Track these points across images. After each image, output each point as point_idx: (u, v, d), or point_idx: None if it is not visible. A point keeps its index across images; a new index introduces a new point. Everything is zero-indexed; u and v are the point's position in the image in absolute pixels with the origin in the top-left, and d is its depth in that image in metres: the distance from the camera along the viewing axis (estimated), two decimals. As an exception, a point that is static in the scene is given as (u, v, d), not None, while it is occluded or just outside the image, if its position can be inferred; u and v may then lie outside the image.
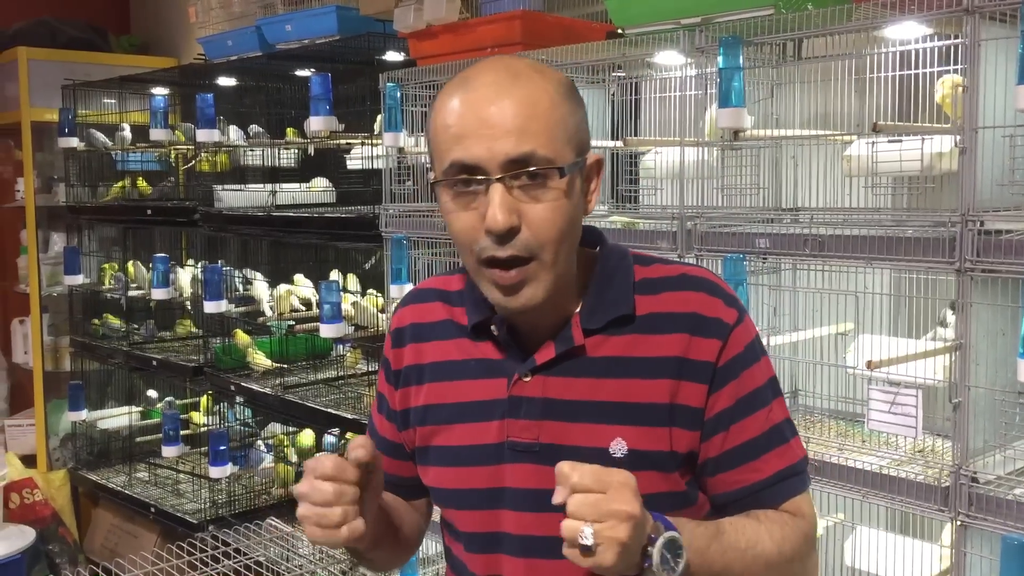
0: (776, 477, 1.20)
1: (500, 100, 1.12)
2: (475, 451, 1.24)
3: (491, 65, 1.17)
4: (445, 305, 1.32)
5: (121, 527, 4.51)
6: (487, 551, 1.25)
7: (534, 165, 1.12)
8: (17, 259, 5.13)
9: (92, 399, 4.71)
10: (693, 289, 1.21)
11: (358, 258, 3.85)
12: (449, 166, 1.14)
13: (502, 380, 1.23)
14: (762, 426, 1.20)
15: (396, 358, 1.34)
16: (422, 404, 1.30)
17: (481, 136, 1.12)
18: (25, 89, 4.70)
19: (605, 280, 1.23)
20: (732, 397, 1.19)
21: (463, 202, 1.15)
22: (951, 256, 1.79)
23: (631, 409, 1.18)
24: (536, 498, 1.18)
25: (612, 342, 1.20)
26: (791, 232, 2.05)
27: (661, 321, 1.20)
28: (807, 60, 2.32)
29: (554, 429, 1.20)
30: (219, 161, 4.13)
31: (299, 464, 3.83)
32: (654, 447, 1.18)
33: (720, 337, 1.19)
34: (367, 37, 3.27)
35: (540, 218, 1.13)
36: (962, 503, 1.80)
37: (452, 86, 1.17)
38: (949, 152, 1.90)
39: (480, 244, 1.14)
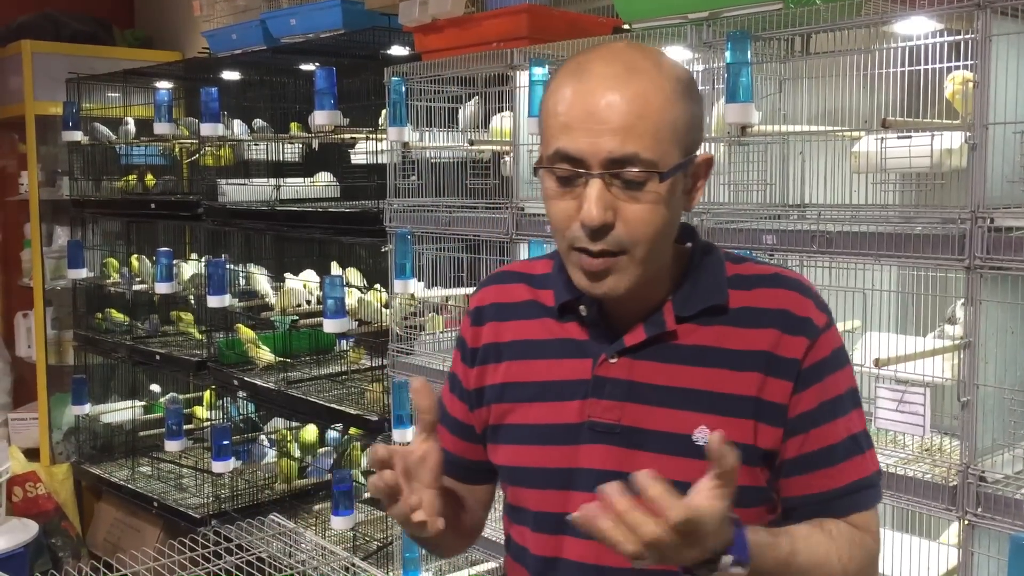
0: (850, 487, 1.19)
1: (611, 95, 1.11)
2: (552, 430, 1.23)
3: (608, 55, 1.15)
4: (528, 287, 1.32)
5: (124, 521, 4.51)
6: (553, 532, 1.24)
7: (636, 167, 1.11)
8: (21, 253, 5.13)
9: (95, 393, 4.71)
10: (786, 288, 1.21)
11: (362, 253, 3.84)
12: (553, 153, 1.13)
13: (587, 361, 1.23)
14: (841, 434, 1.19)
15: (474, 336, 1.34)
16: (500, 382, 1.30)
17: (587, 130, 1.11)
18: (29, 82, 4.70)
19: (698, 273, 1.23)
20: (815, 400, 1.18)
21: (563, 190, 1.14)
22: (960, 253, 1.77)
23: (717, 398, 1.18)
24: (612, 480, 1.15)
25: (703, 331, 1.20)
26: (798, 228, 2.04)
27: (753, 315, 1.19)
28: (815, 55, 2.30)
29: (637, 412, 1.19)
30: (223, 155, 4.12)
31: (302, 459, 3.83)
32: (738, 439, 1.15)
33: (809, 336, 1.18)
34: (372, 31, 3.25)
35: (635, 217, 1.12)
36: (970, 502, 1.78)
37: (566, 72, 1.16)
38: (959, 149, 1.89)
39: (573, 232, 1.14)
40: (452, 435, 1.38)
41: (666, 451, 1.18)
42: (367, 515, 3.60)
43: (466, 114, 3.02)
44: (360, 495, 3.43)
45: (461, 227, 2.80)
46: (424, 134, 3.03)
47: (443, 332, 3.16)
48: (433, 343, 3.09)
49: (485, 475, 1.39)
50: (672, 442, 1.17)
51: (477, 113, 2.99)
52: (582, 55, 1.18)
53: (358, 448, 3.61)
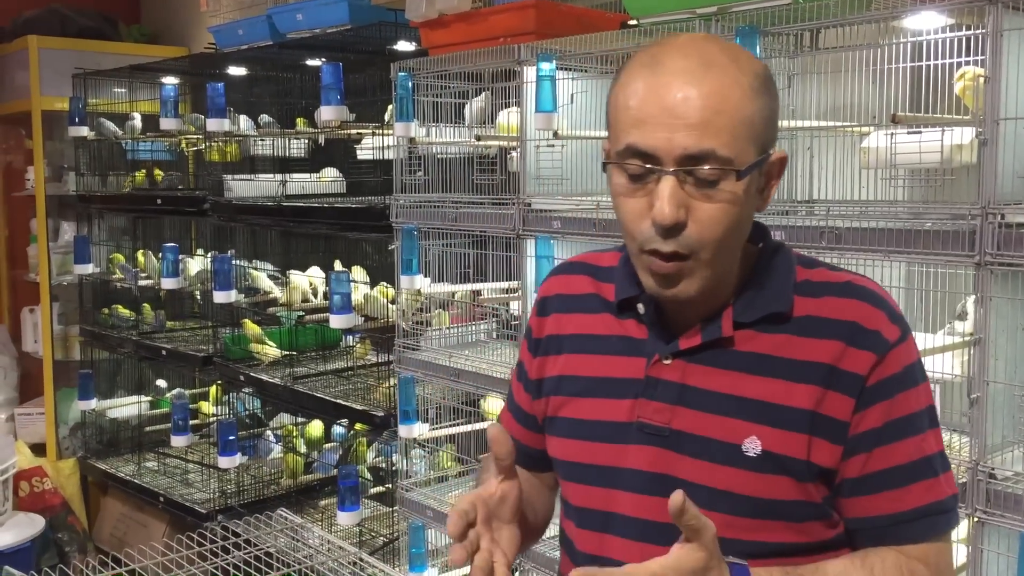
0: (918, 512, 1.13)
1: (687, 90, 1.06)
2: (602, 427, 1.22)
3: (684, 48, 1.11)
4: (592, 280, 1.30)
5: (130, 516, 4.52)
6: (597, 529, 1.22)
7: (711, 164, 1.06)
8: (27, 248, 5.13)
9: (101, 388, 4.72)
10: (857, 298, 1.16)
11: (367, 249, 3.84)
12: (624, 148, 1.09)
13: (641, 359, 1.20)
14: (911, 455, 1.13)
15: (539, 327, 1.33)
16: (557, 374, 1.28)
17: (661, 125, 1.07)
18: (36, 78, 4.70)
19: (765, 276, 1.18)
20: (882, 418, 1.12)
21: (633, 187, 1.10)
22: (971, 249, 1.76)
23: (772, 410, 1.13)
24: (656, 482, 1.16)
25: (762, 339, 1.16)
26: (807, 224, 2.03)
27: (818, 325, 1.14)
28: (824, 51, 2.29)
29: (687, 417, 1.16)
30: (229, 151, 4.12)
31: (307, 455, 3.83)
32: (790, 452, 1.12)
33: (877, 352, 1.12)
34: (378, 26, 3.25)
35: (708, 217, 1.08)
36: (979, 499, 1.78)
37: (639, 65, 1.12)
38: (969, 144, 1.88)
39: (644, 233, 1.10)
40: (516, 423, 1.38)
41: (714, 459, 1.14)
42: (373, 511, 3.60)
43: (473, 109, 3.01)
44: (366, 491, 3.43)
45: (467, 223, 2.80)
46: (430, 130, 3.02)
47: (449, 328, 3.15)
48: (440, 339, 3.09)
49: (549, 463, 1.36)
50: (721, 450, 1.14)
51: (484, 108, 2.99)
52: (655, 47, 1.13)
53: (364, 444, 3.61)
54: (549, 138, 2.62)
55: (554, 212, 2.59)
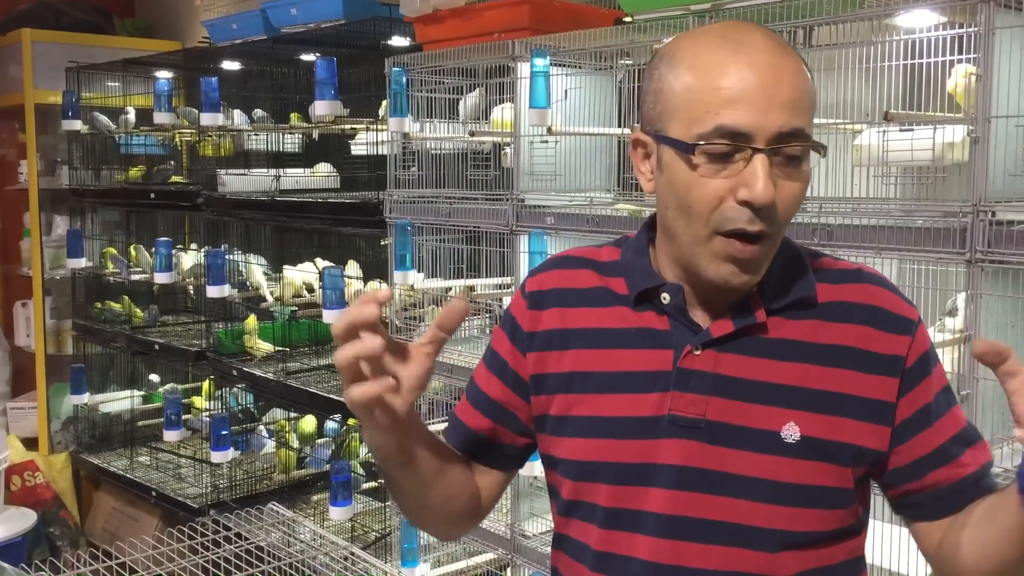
0: (983, 470, 1.17)
1: (779, 67, 1.06)
2: (628, 423, 1.17)
3: (752, 29, 1.10)
4: (596, 273, 1.25)
5: (122, 510, 4.52)
6: (624, 529, 1.18)
7: (800, 141, 1.07)
8: (20, 242, 5.12)
9: (94, 383, 4.71)
10: (873, 283, 1.19)
11: (361, 244, 3.84)
12: (713, 129, 1.06)
13: (667, 352, 1.16)
14: (961, 422, 1.17)
15: (532, 320, 1.26)
16: (567, 371, 1.22)
17: (757, 102, 1.05)
18: (29, 71, 4.69)
19: (784, 263, 1.17)
20: (932, 392, 1.15)
21: (714, 168, 1.07)
22: (962, 247, 1.77)
23: (808, 395, 1.13)
24: (694, 477, 1.14)
25: (792, 325, 1.15)
26: (799, 221, 2.03)
27: (843, 310, 1.16)
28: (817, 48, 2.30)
29: (723, 407, 1.14)
30: (223, 145, 4.11)
31: (300, 450, 3.83)
32: (829, 436, 1.12)
33: (908, 333, 1.15)
34: (373, 21, 3.25)
35: (789, 196, 1.08)
36: (969, 496, 1.78)
37: (710, 43, 1.09)
38: (961, 142, 1.88)
39: (725, 215, 1.07)
40: (477, 411, 1.31)
41: (753, 448, 1.13)
42: (365, 506, 3.60)
43: (467, 105, 3.01)
44: (358, 486, 3.43)
45: (461, 218, 2.80)
46: (425, 125, 3.02)
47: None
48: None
49: (501, 460, 1.32)
50: (760, 439, 1.12)
51: (478, 104, 2.99)
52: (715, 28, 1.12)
53: (357, 439, 3.61)
54: (543, 134, 2.62)
55: (548, 208, 2.59)
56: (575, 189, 2.69)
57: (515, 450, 1.32)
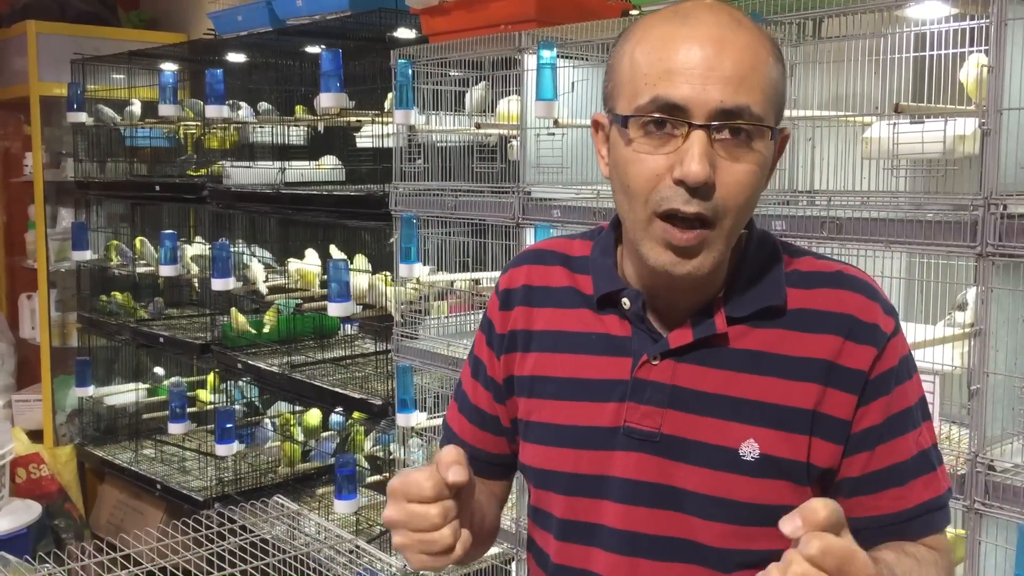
0: (922, 508, 1.09)
1: (725, 42, 1.00)
2: (583, 432, 1.12)
3: (708, 4, 1.05)
4: (567, 271, 1.20)
5: (127, 503, 4.52)
6: (579, 542, 1.14)
7: (745, 120, 1.01)
8: (25, 234, 5.12)
9: (99, 375, 4.71)
10: (850, 289, 1.10)
11: (366, 237, 3.83)
12: (649, 101, 1.01)
13: (625, 360, 1.11)
14: (911, 450, 1.09)
15: (502, 321, 1.22)
16: (528, 374, 1.18)
17: (695, 76, 0.99)
18: (34, 63, 4.68)
19: (755, 266, 1.11)
20: (882, 414, 1.07)
21: (652, 144, 1.02)
22: (972, 240, 1.76)
23: (770, 410, 1.06)
24: (647, 492, 1.09)
25: (756, 335, 1.09)
26: (808, 214, 2.02)
27: (813, 319, 1.08)
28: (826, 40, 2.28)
29: (679, 420, 1.08)
30: (228, 137, 4.10)
31: (305, 443, 3.83)
32: (789, 455, 1.06)
33: (876, 345, 1.07)
34: (379, 13, 3.23)
35: (735, 180, 1.01)
36: (978, 491, 1.77)
37: (660, 19, 1.05)
38: (972, 135, 1.87)
39: (661, 194, 1.01)
40: (473, 426, 1.27)
41: (709, 464, 1.07)
42: (370, 499, 3.59)
43: (473, 97, 3.00)
44: (363, 479, 3.43)
45: (467, 211, 2.79)
46: (430, 117, 3.01)
47: (447, 317, 3.15)
48: (438, 328, 3.08)
49: (503, 469, 1.29)
50: (717, 455, 1.07)
51: (484, 97, 2.98)
52: (671, 6, 1.06)
53: (361, 432, 3.60)
54: (549, 126, 2.61)
55: (554, 201, 2.58)
56: (582, 182, 2.68)
57: (509, 459, 1.27)
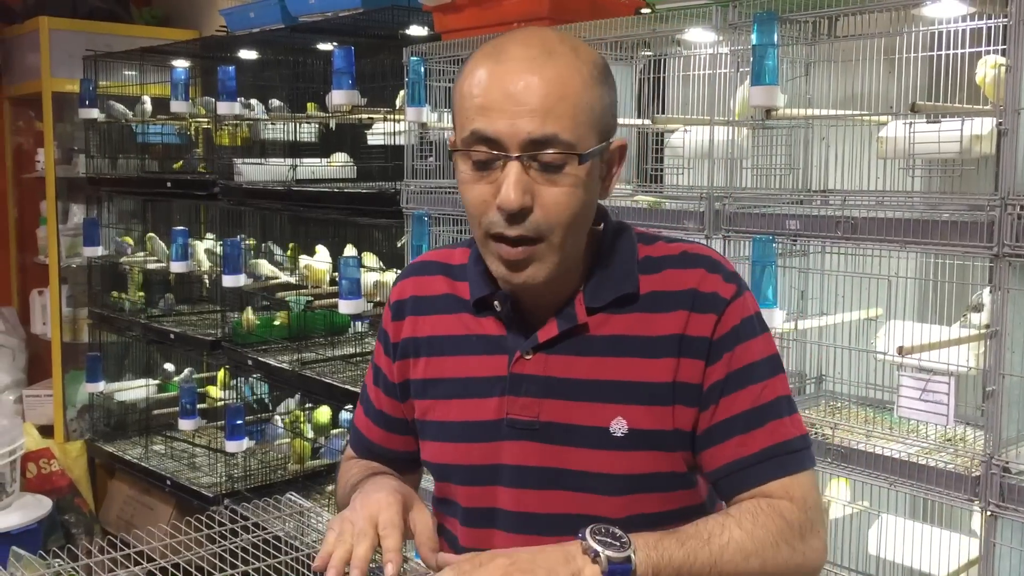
0: (765, 453, 1.16)
1: (530, 77, 1.10)
2: (472, 427, 1.23)
3: (525, 38, 1.15)
4: (447, 279, 1.30)
5: (137, 499, 4.53)
6: (481, 526, 1.25)
7: (555, 148, 1.10)
8: (37, 230, 5.13)
9: (109, 371, 4.72)
10: (693, 266, 1.20)
11: (377, 235, 3.83)
12: (469, 135, 1.12)
13: (503, 357, 1.22)
14: (754, 400, 1.17)
15: (395, 331, 1.33)
16: (420, 377, 1.29)
17: (505, 111, 1.09)
18: (46, 59, 4.69)
19: (609, 258, 1.22)
20: (724, 370, 1.17)
21: (478, 174, 1.13)
22: (988, 241, 1.74)
23: (633, 388, 1.17)
24: (534, 475, 1.20)
25: (615, 320, 1.19)
26: (823, 214, 2.01)
27: (663, 299, 1.19)
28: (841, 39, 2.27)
29: (555, 408, 1.19)
30: (239, 134, 4.10)
31: (315, 440, 3.83)
32: (656, 426, 1.17)
33: (716, 311, 1.18)
34: (391, 10, 3.23)
35: (553, 201, 1.11)
36: (993, 493, 1.76)
37: (482, 55, 1.15)
38: (988, 134, 1.85)
39: (490, 218, 1.12)
40: (379, 428, 1.38)
41: (586, 444, 1.18)
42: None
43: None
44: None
45: (479, 209, 2.78)
46: (442, 115, 3.01)
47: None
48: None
49: (413, 464, 1.40)
50: (591, 435, 1.17)
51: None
52: (499, 39, 1.16)
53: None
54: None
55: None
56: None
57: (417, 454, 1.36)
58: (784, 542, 1.12)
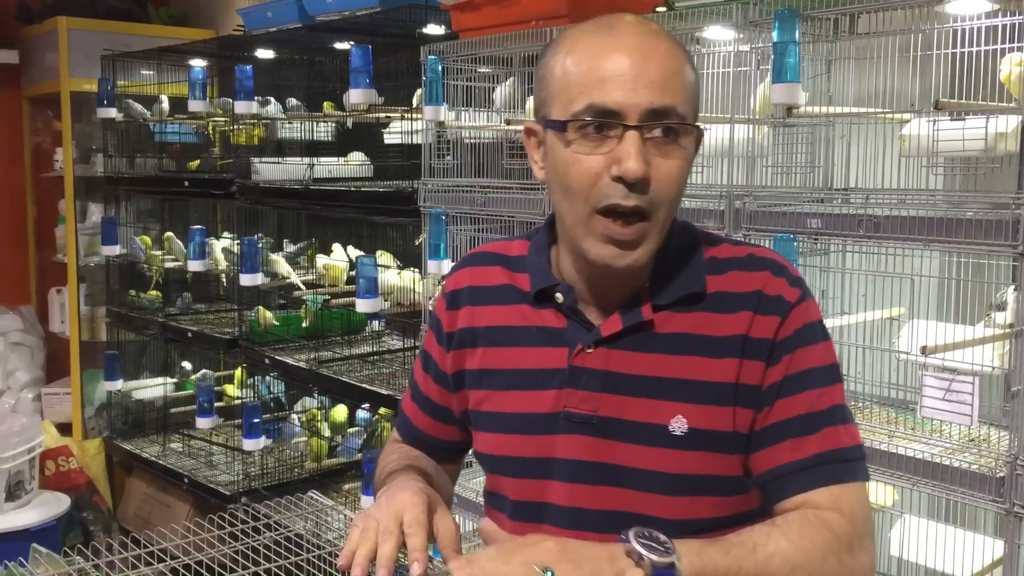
0: (817, 459, 1.13)
1: (648, 49, 1.11)
2: (528, 419, 1.22)
3: (629, 17, 1.17)
4: (505, 270, 1.29)
5: (154, 497, 4.55)
6: (530, 520, 1.23)
7: (672, 119, 1.11)
8: (55, 229, 5.16)
9: (127, 369, 4.74)
10: (759, 269, 1.20)
11: (393, 234, 3.83)
12: (584, 108, 1.11)
13: (563, 349, 1.21)
14: (810, 406, 1.15)
15: (450, 320, 1.32)
16: (477, 368, 1.28)
17: (626, 81, 1.10)
18: (65, 59, 4.71)
19: (676, 256, 1.21)
20: (783, 372, 1.16)
21: (589, 146, 1.12)
22: (1013, 239, 1.73)
23: (696, 387, 1.16)
24: (588, 470, 1.18)
25: (680, 319, 1.18)
26: (844, 212, 1.99)
27: (728, 300, 1.18)
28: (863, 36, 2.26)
29: (613, 403, 1.18)
30: (256, 133, 4.11)
31: (332, 438, 3.83)
32: (716, 427, 1.15)
33: (779, 314, 1.16)
34: (408, 9, 3.23)
35: (666, 174, 1.12)
36: (1018, 494, 1.75)
37: (588, 31, 1.15)
38: (1013, 132, 1.84)
39: (601, 191, 1.11)
40: (425, 415, 1.38)
41: (643, 441, 1.16)
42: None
43: (503, 94, 2.99)
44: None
45: (496, 208, 2.78)
46: (460, 113, 3.00)
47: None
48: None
49: (453, 453, 1.40)
50: (649, 432, 1.16)
51: (512, 93, 2.96)
52: (595, 19, 1.17)
53: (388, 428, 3.61)
54: (580, 123, 2.59)
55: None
56: (612, 179, 2.66)
57: (462, 444, 1.38)
58: (832, 555, 1.08)
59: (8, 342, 5.07)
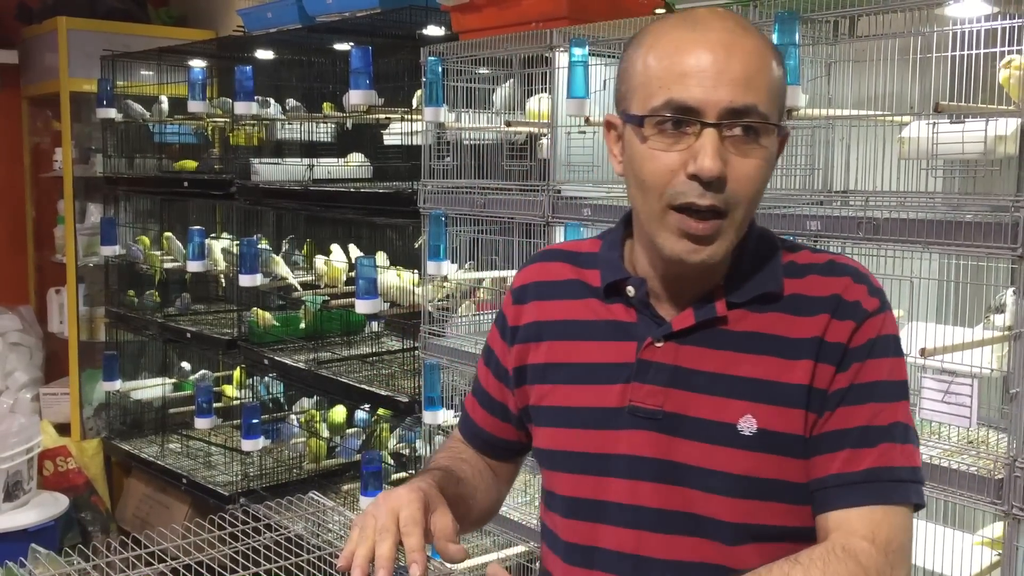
0: (867, 475, 1.09)
1: (732, 46, 1.09)
2: (591, 413, 1.20)
3: (716, 11, 1.14)
4: (572, 266, 1.29)
5: (153, 497, 4.55)
6: (586, 519, 1.20)
7: (752, 118, 1.09)
8: (54, 229, 5.16)
9: (126, 370, 4.74)
10: (840, 275, 1.17)
11: (392, 235, 3.83)
12: (663, 103, 1.09)
13: (631, 343, 1.19)
14: (871, 419, 1.11)
15: (516, 315, 1.31)
16: (542, 362, 1.26)
17: (707, 78, 1.08)
18: (64, 59, 4.71)
19: (754, 257, 1.19)
20: (850, 380, 1.12)
21: (666, 142, 1.10)
22: (1012, 242, 1.73)
23: (767, 387, 1.13)
24: (651, 467, 1.15)
25: (754, 318, 1.16)
26: (844, 215, 2.00)
27: (806, 303, 1.15)
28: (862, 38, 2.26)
29: (680, 398, 1.15)
30: (256, 134, 4.11)
31: (330, 439, 3.83)
32: (787, 429, 1.12)
33: (855, 320, 1.13)
34: (409, 10, 3.23)
35: (744, 174, 1.09)
36: (1016, 496, 1.75)
37: (671, 25, 1.13)
38: (1012, 135, 1.84)
39: (676, 188, 1.09)
40: (483, 409, 1.38)
41: (709, 440, 1.13)
42: (395, 496, 3.59)
43: (503, 95, 2.99)
44: (388, 476, 3.43)
45: (496, 209, 2.78)
46: (460, 115, 3.01)
47: (475, 315, 3.14)
48: (465, 325, 3.08)
49: (510, 453, 1.39)
50: (716, 431, 1.13)
51: (513, 94, 2.97)
52: (682, 14, 1.15)
53: (387, 429, 3.61)
54: (580, 124, 2.59)
55: (584, 199, 2.57)
56: (613, 180, 2.66)
57: (518, 444, 1.37)
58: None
59: (7, 342, 5.07)
